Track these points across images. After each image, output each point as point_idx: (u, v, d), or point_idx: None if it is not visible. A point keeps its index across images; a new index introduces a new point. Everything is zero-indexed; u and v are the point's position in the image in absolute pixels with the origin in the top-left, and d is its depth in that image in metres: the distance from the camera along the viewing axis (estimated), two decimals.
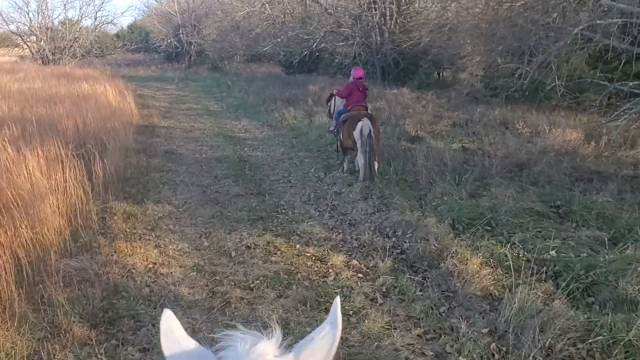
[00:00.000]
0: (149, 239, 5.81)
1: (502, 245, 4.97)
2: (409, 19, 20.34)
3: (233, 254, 5.33)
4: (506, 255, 4.67)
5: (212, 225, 6.25)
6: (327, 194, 7.44)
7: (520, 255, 4.79)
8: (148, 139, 11.97)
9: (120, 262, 5.17)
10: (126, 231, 6.04)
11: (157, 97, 21.40)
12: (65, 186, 6.39)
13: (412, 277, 4.53)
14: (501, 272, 4.45)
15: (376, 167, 7.87)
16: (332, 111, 9.78)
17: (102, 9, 45.09)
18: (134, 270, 5.00)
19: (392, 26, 19.43)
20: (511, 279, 4.19)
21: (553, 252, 4.66)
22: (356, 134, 7.81)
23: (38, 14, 33.79)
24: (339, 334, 1.09)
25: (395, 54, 19.05)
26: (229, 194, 7.58)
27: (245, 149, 11.10)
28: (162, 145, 11.30)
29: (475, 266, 4.44)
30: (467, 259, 4.54)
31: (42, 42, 34.21)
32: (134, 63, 42.20)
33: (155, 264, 5.19)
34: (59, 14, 53.56)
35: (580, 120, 11.40)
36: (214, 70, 33.82)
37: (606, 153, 8.33)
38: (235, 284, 4.63)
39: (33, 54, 33.88)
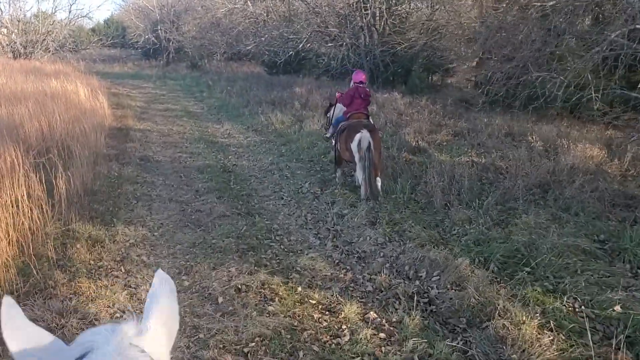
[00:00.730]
0: (117, 276, 4.79)
1: (553, 295, 4.06)
2: (399, 20, 19.51)
3: (220, 299, 4.33)
4: (562, 312, 3.77)
5: (194, 257, 5.25)
6: (327, 216, 6.47)
7: (576, 309, 3.89)
8: (121, 144, 10.89)
9: (81, 309, 4.14)
10: (90, 264, 5.01)
11: (132, 96, 20.23)
12: (19, 205, 5.35)
13: (450, 342, 3.58)
14: (564, 337, 3.53)
15: (379, 184, 6.97)
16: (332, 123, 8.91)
17: (76, 1, 43.36)
18: (96, 323, 3.98)
19: (381, 27, 18.56)
20: (580, 348, 3.29)
21: (618, 308, 3.77)
22: (354, 146, 6.96)
23: (9, 5, 32.32)
24: (173, 286, 1.20)
25: (385, 56, 18.17)
26: (212, 214, 6.58)
27: (230, 157, 10.08)
28: (136, 152, 10.24)
29: (532, 330, 3.51)
30: (521, 321, 3.60)
31: (13, 35, 32.68)
32: (110, 59, 40.80)
33: (123, 312, 4.17)
34: (32, 6, 51.86)
35: (590, 131, 10.65)
36: (193, 68, 32.62)
37: (632, 172, 7.52)
38: (224, 347, 3.64)
39: (3, 47, 32.31)
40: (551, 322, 3.60)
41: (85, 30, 44.75)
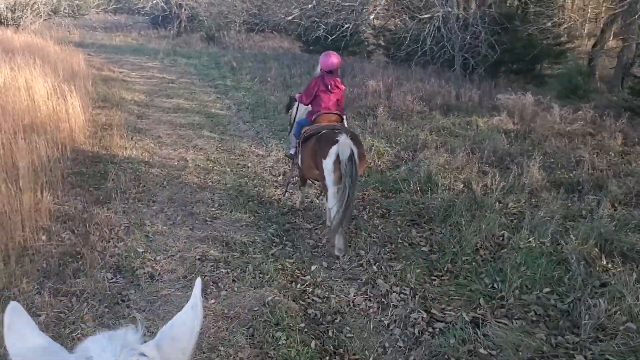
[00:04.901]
0: None
1: None
2: None
3: None
4: None
5: None
6: None
7: None
8: (87, 208, 5.46)
9: None
10: None
11: (130, 82, 14.63)
12: None
13: None
14: None
15: None
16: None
17: None
18: None
19: None
20: None
21: None
22: (328, 163, 4.55)
23: None
24: (200, 318, 1.06)
25: (490, 36, 12.45)
26: None
27: (314, 266, 4.61)
28: (112, 236, 4.83)
29: None
30: None
31: None
32: (113, 27, 34.99)
33: None
34: None
35: None
36: (209, 41, 26.85)
37: None
38: None
39: None
40: None
41: None
